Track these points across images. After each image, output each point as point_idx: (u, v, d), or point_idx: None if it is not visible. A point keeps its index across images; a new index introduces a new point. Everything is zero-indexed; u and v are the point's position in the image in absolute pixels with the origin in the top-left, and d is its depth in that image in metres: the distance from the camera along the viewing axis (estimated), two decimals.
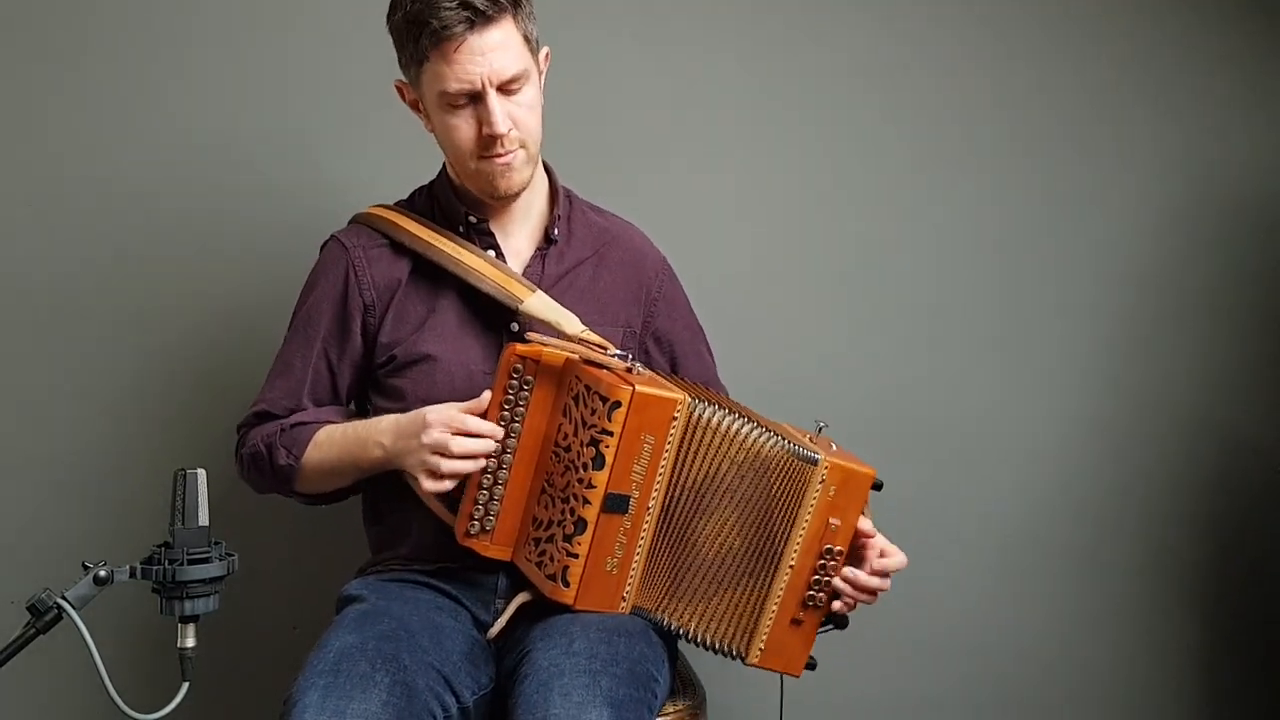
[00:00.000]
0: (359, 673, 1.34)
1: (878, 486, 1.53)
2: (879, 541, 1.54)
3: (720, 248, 2.15)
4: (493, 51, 1.49)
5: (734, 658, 1.53)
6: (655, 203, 1.98)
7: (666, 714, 1.52)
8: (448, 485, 1.46)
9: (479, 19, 1.48)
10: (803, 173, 2.20)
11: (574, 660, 1.36)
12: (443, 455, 1.44)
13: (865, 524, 1.54)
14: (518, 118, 1.54)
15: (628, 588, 1.46)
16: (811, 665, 1.56)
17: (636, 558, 1.46)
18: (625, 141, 2.13)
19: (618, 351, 1.48)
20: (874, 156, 2.22)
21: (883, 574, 1.53)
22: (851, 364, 2.21)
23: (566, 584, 1.44)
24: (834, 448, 1.54)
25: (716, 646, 1.53)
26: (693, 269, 1.83)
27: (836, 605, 1.53)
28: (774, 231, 2.20)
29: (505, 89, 1.52)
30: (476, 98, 1.52)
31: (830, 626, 1.57)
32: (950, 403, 2.24)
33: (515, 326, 1.60)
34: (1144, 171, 2.29)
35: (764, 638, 1.52)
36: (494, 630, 1.51)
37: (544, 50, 1.61)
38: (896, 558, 1.54)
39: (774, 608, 1.51)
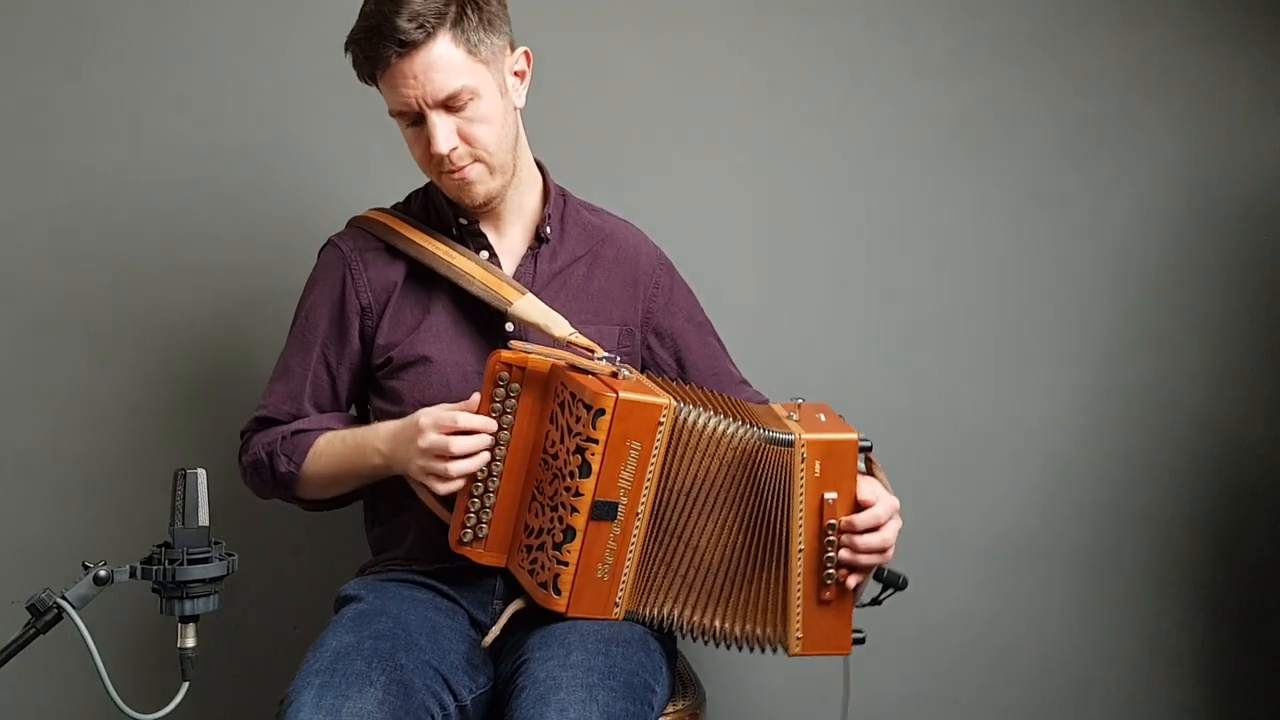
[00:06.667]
0: (355, 671, 1.34)
1: (867, 448, 1.48)
2: (864, 491, 1.45)
3: (719, 245, 2.14)
4: (424, 73, 1.48)
5: (774, 650, 1.51)
6: (653, 199, 1.97)
7: (666, 714, 1.52)
8: (457, 485, 1.46)
9: (405, 47, 1.47)
10: (802, 171, 2.19)
11: (571, 673, 1.35)
12: (444, 458, 1.44)
13: (864, 487, 1.47)
14: (468, 133, 1.53)
15: (620, 594, 1.46)
16: (860, 640, 1.52)
17: (628, 564, 1.45)
18: (622, 138, 2.12)
19: (605, 354, 1.48)
20: (874, 155, 2.21)
21: (875, 527, 1.46)
22: (851, 362, 2.21)
23: (558, 592, 1.43)
24: (822, 419, 1.50)
25: (752, 643, 1.50)
26: (692, 266, 1.82)
27: (851, 581, 1.49)
28: (774, 230, 2.19)
29: (449, 106, 1.51)
30: (420, 118, 1.52)
31: (890, 591, 1.54)
32: (952, 402, 2.24)
33: (510, 327, 1.61)
34: (1146, 172, 2.28)
35: (798, 625, 1.49)
36: (488, 639, 1.49)
37: (518, 52, 1.59)
38: (884, 502, 1.47)
39: (798, 594, 1.48)
